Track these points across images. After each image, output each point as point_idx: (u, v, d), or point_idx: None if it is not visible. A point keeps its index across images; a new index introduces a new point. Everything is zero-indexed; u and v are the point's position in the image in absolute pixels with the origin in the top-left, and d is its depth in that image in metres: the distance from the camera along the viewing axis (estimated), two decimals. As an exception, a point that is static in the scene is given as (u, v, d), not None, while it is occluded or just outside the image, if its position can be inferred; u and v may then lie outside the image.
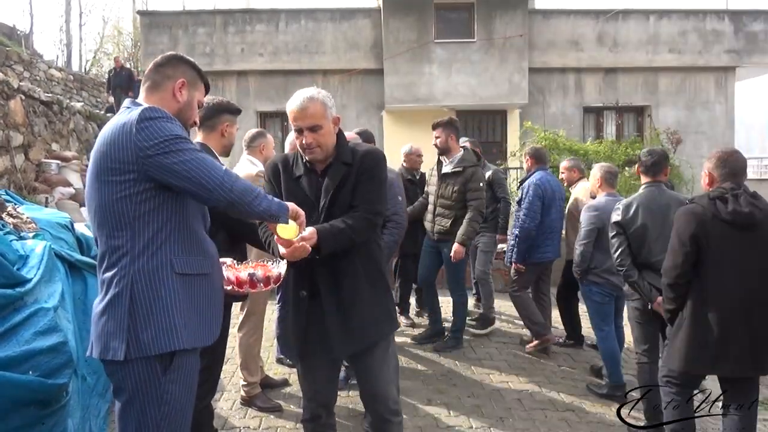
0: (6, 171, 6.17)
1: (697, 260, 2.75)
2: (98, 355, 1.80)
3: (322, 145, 2.27)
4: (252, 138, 4.00)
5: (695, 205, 2.81)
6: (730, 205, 2.68)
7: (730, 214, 2.67)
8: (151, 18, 12.80)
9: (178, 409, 1.84)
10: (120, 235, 1.77)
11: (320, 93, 2.30)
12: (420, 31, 12.29)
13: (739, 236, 2.69)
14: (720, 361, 2.71)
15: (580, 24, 12.79)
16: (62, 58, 24.52)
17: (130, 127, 1.74)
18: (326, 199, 2.29)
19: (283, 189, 2.36)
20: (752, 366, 2.73)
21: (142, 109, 1.79)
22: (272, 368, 4.46)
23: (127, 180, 1.74)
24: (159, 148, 1.73)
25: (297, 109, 2.24)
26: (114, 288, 1.77)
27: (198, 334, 1.87)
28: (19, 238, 3.17)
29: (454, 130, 4.71)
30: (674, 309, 2.87)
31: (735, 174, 2.79)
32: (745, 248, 2.69)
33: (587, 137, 12.19)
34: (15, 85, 6.74)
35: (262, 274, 2.32)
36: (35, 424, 2.36)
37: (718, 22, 12.93)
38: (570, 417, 3.73)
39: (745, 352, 2.68)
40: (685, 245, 2.75)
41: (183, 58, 2.04)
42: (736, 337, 2.68)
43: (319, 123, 2.23)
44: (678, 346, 2.82)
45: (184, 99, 1.98)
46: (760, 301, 2.71)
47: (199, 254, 1.90)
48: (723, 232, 2.69)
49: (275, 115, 12.83)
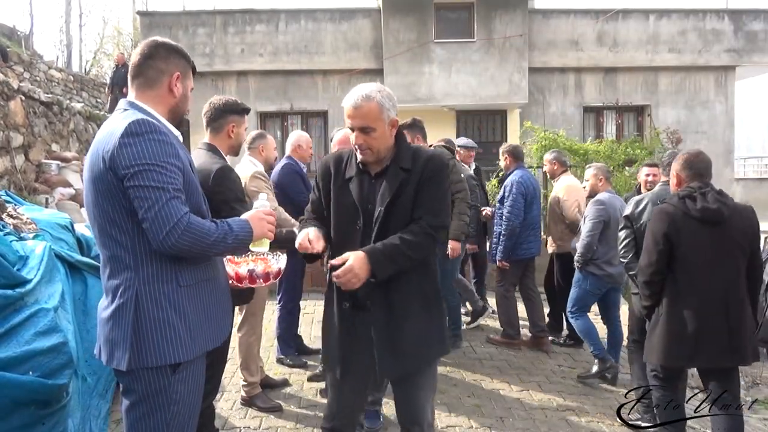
0: (6, 171, 6.17)
1: (670, 257, 2.86)
2: (105, 362, 1.81)
3: (373, 148, 2.06)
4: (252, 139, 4.02)
5: (667, 205, 2.93)
6: (699, 202, 2.81)
7: (699, 211, 2.80)
8: (151, 18, 12.81)
9: (186, 408, 1.84)
10: (121, 245, 1.75)
11: (380, 92, 2.07)
12: (420, 31, 12.30)
13: (708, 232, 2.81)
14: (697, 354, 2.81)
15: (580, 24, 12.80)
16: (62, 59, 24.52)
17: (115, 141, 1.69)
18: (382, 208, 2.07)
19: (333, 192, 2.16)
20: (731, 356, 2.81)
21: (129, 123, 1.71)
22: (272, 368, 4.46)
23: (120, 192, 1.71)
24: (128, 171, 1.68)
25: (350, 107, 2.05)
26: (119, 298, 1.76)
27: (209, 337, 1.88)
28: (19, 238, 3.18)
29: (420, 131, 4.59)
30: (651, 306, 2.98)
31: (701, 174, 2.94)
32: (715, 243, 2.81)
33: (587, 137, 12.18)
34: (15, 85, 6.74)
35: (261, 270, 2.31)
36: (35, 424, 2.37)
37: (718, 22, 12.94)
38: (570, 417, 3.73)
39: (724, 343, 2.77)
40: (659, 243, 2.86)
41: (171, 47, 1.92)
42: (712, 329, 2.77)
43: (371, 125, 2.03)
44: (656, 341, 2.92)
45: (180, 92, 1.92)
46: (735, 292, 2.82)
47: (203, 260, 1.88)
48: (693, 228, 2.82)
49: (275, 116, 12.84)
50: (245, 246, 1.92)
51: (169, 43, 1.93)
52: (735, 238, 2.86)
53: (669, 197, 3.03)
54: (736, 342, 2.79)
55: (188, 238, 1.70)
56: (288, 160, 4.46)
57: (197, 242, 1.73)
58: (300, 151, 4.51)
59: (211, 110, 2.96)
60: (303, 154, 4.52)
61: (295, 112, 12.84)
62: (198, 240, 1.73)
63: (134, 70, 1.90)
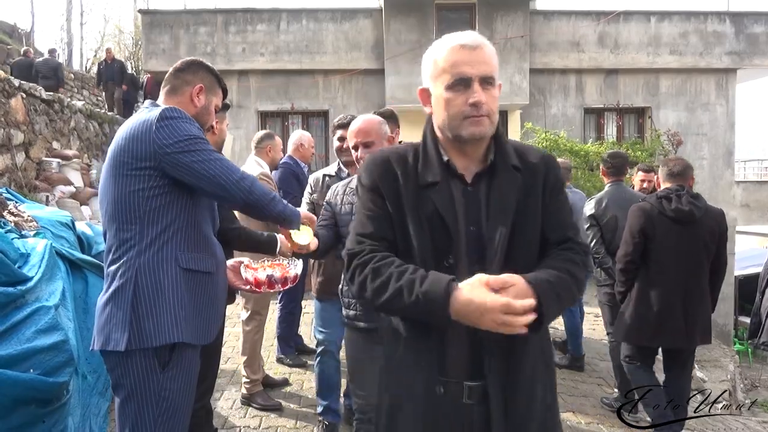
0: (7, 169, 6.17)
1: (644, 249, 3.24)
2: (100, 347, 1.82)
3: (493, 112, 1.41)
4: (260, 139, 4.04)
5: (645, 203, 3.32)
6: (674, 203, 3.18)
7: (673, 211, 3.17)
8: (152, 17, 12.79)
9: (176, 407, 1.84)
10: (129, 228, 1.81)
11: None
12: (421, 31, 12.30)
13: (680, 230, 3.18)
14: (659, 334, 3.23)
15: (581, 25, 12.80)
16: (63, 57, 24.52)
17: (150, 125, 1.80)
18: (505, 230, 1.36)
19: (405, 204, 1.40)
20: (686, 339, 3.24)
21: (163, 108, 1.85)
22: (272, 368, 4.46)
23: (142, 175, 1.79)
24: (178, 146, 1.79)
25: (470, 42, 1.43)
26: (118, 280, 1.79)
27: (197, 330, 1.89)
28: (20, 236, 3.18)
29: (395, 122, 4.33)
30: (625, 291, 3.37)
31: (675, 176, 3.32)
32: (685, 240, 3.17)
33: (588, 138, 12.19)
34: (16, 83, 6.74)
35: (280, 275, 2.34)
36: (36, 423, 2.36)
37: (720, 24, 12.94)
38: (570, 418, 3.73)
39: (681, 328, 3.18)
40: (635, 237, 3.25)
41: (202, 64, 2.10)
42: (673, 314, 3.18)
43: (494, 74, 1.43)
44: (626, 321, 3.33)
45: (201, 103, 2.04)
46: (696, 284, 3.22)
47: (205, 253, 1.93)
48: (667, 226, 3.19)
49: (276, 115, 12.84)
50: (296, 219, 2.06)
51: (204, 63, 2.12)
52: (703, 237, 3.19)
53: (648, 196, 3.41)
54: (690, 327, 3.19)
55: (258, 187, 1.89)
56: (288, 159, 4.47)
57: (264, 193, 1.91)
58: (302, 150, 4.52)
59: None
60: (304, 153, 4.53)
61: (296, 112, 12.84)
62: (264, 191, 1.91)
63: (166, 80, 2.07)
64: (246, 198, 1.86)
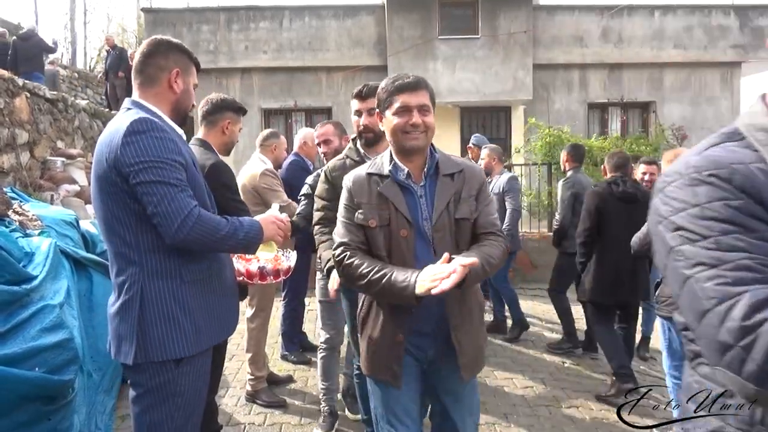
0: (11, 168, 6.19)
1: (599, 225, 3.99)
2: (114, 356, 1.85)
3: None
4: (265, 137, 4.08)
5: (598, 188, 4.12)
6: (620, 187, 3.96)
7: (621, 194, 3.95)
8: (155, 15, 12.80)
9: (190, 401, 1.87)
10: (125, 243, 1.78)
11: None
12: (424, 27, 12.26)
13: (626, 208, 3.90)
14: (615, 292, 3.98)
15: (585, 20, 12.73)
16: (67, 56, 24.57)
17: (118, 140, 1.72)
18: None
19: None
20: (633, 296, 4.05)
21: (131, 121, 1.73)
22: (276, 365, 4.47)
23: (123, 191, 1.73)
24: (135, 167, 1.69)
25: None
26: (125, 294, 1.79)
27: (213, 333, 1.90)
28: (25, 235, 3.19)
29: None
30: (584, 261, 4.12)
31: (620, 167, 4.10)
32: (630, 216, 3.78)
33: (592, 133, 12.14)
34: (20, 82, 6.75)
35: (272, 267, 2.34)
36: (41, 420, 2.38)
37: (724, 18, 12.85)
38: (574, 414, 3.72)
39: (630, 286, 3.96)
40: (591, 215, 4.01)
41: (171, 43, 1.96)
42: (623, 276, 3.93)
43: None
44: (588, 283, 4.08)
45: (180, 88, 1.95)
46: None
47: (208, 256, 1.90)
48: (616, 205, 3.94)
49: (279, 113, 12.84)
50: (255, 245, 1.93)
51: (170, 40, 1.96)
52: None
53: (600, 183, 4.21)
54: (634, 286, 3.98)
55: (199, 231, 1.73)
56: (295, 156, 4.51)
57: (208, 235, 1.75)
58: (306, 148, 4.54)
59: (207, 105, 2.96)
60: (309, 151, 4.54)
61: (299, 109, 12.84)
62: (209, 233, 1.75)
63: (136, 69, 1.94)
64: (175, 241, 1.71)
